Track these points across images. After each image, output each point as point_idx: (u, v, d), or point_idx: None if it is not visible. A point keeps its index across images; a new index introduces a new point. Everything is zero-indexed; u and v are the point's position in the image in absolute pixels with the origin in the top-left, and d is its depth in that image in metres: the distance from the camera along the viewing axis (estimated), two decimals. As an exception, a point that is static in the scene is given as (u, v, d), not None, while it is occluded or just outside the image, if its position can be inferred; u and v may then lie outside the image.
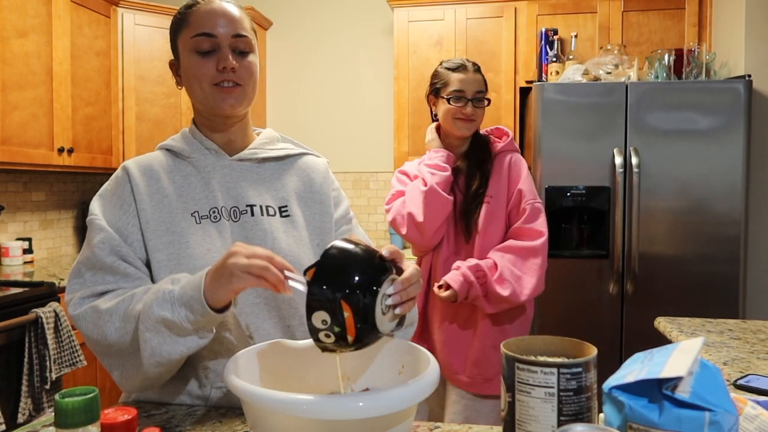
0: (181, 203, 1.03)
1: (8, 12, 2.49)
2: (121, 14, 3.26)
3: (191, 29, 1.03)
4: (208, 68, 1.02)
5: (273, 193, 1.10)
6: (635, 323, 2.59)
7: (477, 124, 1.85)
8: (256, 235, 1.04)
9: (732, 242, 2.55)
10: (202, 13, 1.03)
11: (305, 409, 0.62)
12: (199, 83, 1.03)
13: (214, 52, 1.03)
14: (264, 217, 1.06)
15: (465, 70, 1.82)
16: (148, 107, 3.37)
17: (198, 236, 1.01)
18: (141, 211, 1.01)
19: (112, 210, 1.02)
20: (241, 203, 1.06)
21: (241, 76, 1.04)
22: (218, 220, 1.03)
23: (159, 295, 0.87)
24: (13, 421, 2.10)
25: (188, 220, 1.02)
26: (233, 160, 1.09)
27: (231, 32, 1.03)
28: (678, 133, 2.57)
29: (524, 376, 0.65)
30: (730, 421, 0.56)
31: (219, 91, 1.03)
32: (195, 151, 1.08)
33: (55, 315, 2.22)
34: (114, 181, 1.06)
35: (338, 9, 3.72)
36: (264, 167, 1.12)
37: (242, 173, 1.09)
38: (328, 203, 1.16)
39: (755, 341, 1.47)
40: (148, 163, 1.07)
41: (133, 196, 1.02)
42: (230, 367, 0.74)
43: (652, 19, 3.08)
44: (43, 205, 3.15)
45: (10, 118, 2.51)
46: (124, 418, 0.63)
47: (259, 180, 1.10)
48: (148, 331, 0.87)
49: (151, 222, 1.01)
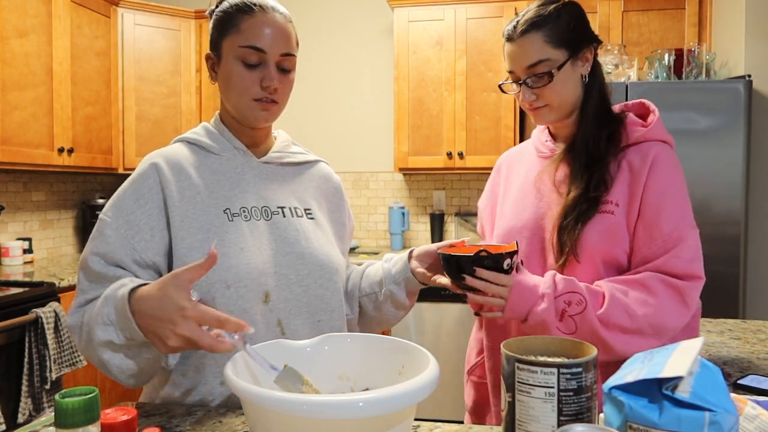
0: (212, 200, 1.02)
1: (8, 12, 2.49)
2: (121, 14, 3.26)
3: (241, 37, 1.00)
4: (252, 82, 1.01)
5: (297, 196, 1.11)
6: (635, 323, 2.59)
7: (553, 108, 1.17)
8: (290, 234, 1.05)
9: (732, 242, 2.55)
10: (256, 23, 1.00)
11: (305, 409, 0.62)
12: (239, 94, 1.02)
13: (260, 66, 1.01)
14: (294, 218, 1.07)
15: (511, 39, 1.16)
16: (148, 107, 3.37)
17: (232, 234, 1.00)
18: (172, 208, 0.99)
19: (127, 203, 1.00)
20: (272, 204, 1.07)
21: (279, 96, 1.04)
22: (249, 219, 1.03)
23: (100, 319, 0.88)
24: (13, 421, 2.10)
25: (221, 217, 1.01)
26: (260, 162, 1.09)
27: (281, 50, 1.01)
28: (678, 133, 2.57)
29: (524, 376, 0.65)
30: (730, 421, 0.56)
31: (257, 106, 1.02)
32: (224, 150, 1.07)
33: (55, 315, 2.22)
34: (139, 174, 1.02)
35: (338, 9, 3.72)
36: (285, 170, 1.13)
37: (269, 175, 1.10)
38: (343, 211, 1.20)
39: (755, 341, 1.47)
40: (174, 158, 1.04)
41: (162, 193, 1.00)
42: (230, 367, 0.74)
43: (652, 19, 3.08)
44: (43, 205, 3.15)
45: (10, 118, 2.51)
46: (124, 418, 0.63)
47: (284, 183, 1.11)
48: (104, 352, 0.89)
49: (185, 219, 0.99)
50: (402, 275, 1.14)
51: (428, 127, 3.26)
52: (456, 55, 3.23)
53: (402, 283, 1.15)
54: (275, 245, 1.04)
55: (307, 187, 1.15)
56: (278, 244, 1.04)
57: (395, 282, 1.15)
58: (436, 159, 3.23)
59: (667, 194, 1.11)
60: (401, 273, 1.15)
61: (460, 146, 3.23)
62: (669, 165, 1.13)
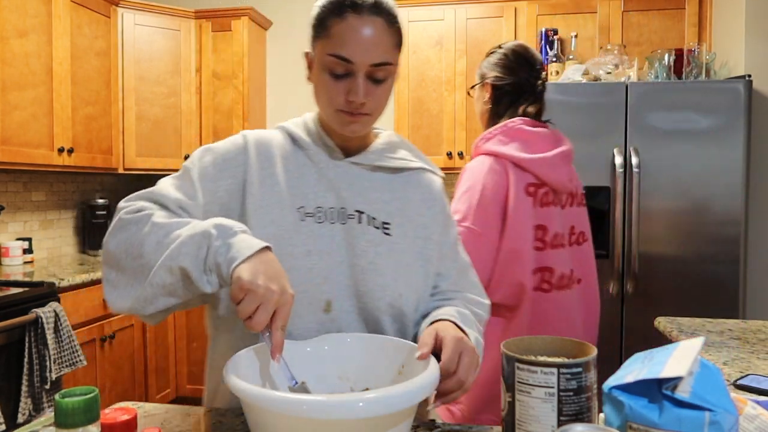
0: (290, 195, 0.97)
1: (8, 12, 2.49)
2: (121, 14, 3.26)
3: (329, 43, 0.91)
4: (337, 93, 0.92)
5: (380, 206, 1.00)
6: (635, 323, 2.59)
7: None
8: (359, 243, 0.97)
9: (732, 242, 2.55)
10: (346, 29, 0.89)
11: (305, 409, 0.62)
12: (325, 103, 0.96)
13: (348, 77, 0.91)
14: (370, 228, 0.98)
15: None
16: (148, 107, 3.37)
17: (301, 235, 0.95)
18: (249, 195, 0.95)
19: (210, 166, 0.96)
20: (350, 207, 0.98)
21: (370, 107, 0.94)
22: (322, 221, 0.96)
23: (199, 250, 0.80)
24: (13, 421, 2.10)
25: (294, 214, 0.96)
26: (347, 162, 1.00)
27: (371, 61, 0.90)
28: (678, 133, 2.57)
29: (524, 376, 0.65)
30: (730, 421, 0.56)
31: (344, 117, 0.94)
32: (314, 144, 1.01)
33: (55, 315, 2.22)
34: (231, 143, 0.99)
35: (338, 9, 3.72)
36: (376, 176, 1.02)
37: (354, 176, 1.00)
38: (433, 229, 1.05)
39: (755, 341, 1.47)
40: (267, 143, 1.00)
41: (244, 176, 0.96)
42: (230, 367, 0.74)
43: (652, 19, 3.08)
44: (43, 205, 3.15)
45: (10, 118, 2.51)
46: (124, 418, 0.63)
47: (370, 188, 1.01)
48: (164, 271, 0.81)
49: (259, 210, 0.94)
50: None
51: (428, 127, 3.26)
52: (456, 55, 3.23)
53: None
54: (344, 252, 0.96)
55: (396, 197, 1.02)
56: (347, 252, 0.96)
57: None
58: (436, 159, 3.23)
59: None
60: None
61: (460, 146, 3.23)
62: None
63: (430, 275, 1.04)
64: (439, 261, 1.05)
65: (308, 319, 0.94)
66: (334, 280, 0.95)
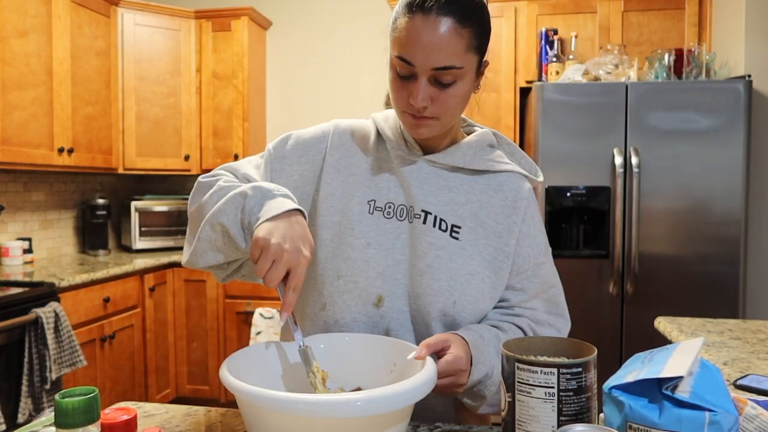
0: (363, 186, 0.98)
1: (8, 12, 2.49)
2: (121, 14, 3.26)
3: (396, 43, 0.89)
4: (402, 95, 0.90)
5: (452, 207, 0.97)
6: (635, 323, 2.59)
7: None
8: (420, 244, 0.94)
9: (732, 242, 2.55)
10: (411, 30, 0.86)
11: (302, 409, 0.62)
12: (394, 102, 0.94)
13: (412, 78, 0.89)
14: (434, 230, 0.95)
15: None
16: (148, 107, 3.37)
17: (365, 226, 0.96)
18: (323, 182, 0.99)
19: (289, 149, 1.02)
20: (417, 206, 0.96)
21: (434, 111, 0.89)
22: (391, 216, 0.96)
23: (236, 209, 0.86)
24: (13, 421, 2.10)
25: (363, 206, 0.97)
26: (424, 160, 0.98)
27: (433, 65, 0.85)
28: (678, 133, 2.57)
29: (524, 376, 0.65)
30: (730, 421, 0.56)
31: (409, 117, 0.92)
32: (393, 138, 1.00)
33: (55, 315, 2.22)
34: (317, 131, 1.05)
35: (338, 8, 3.72)
36: (453, 176, 0.99)
37: (428, 175, 0.98)
38: (508, 239, 0.97)
39: (755, 341, 1.47)
40: (353, 134, 1.04)
41: (322, 163, 1.01)
42: (228, 366, 0.74)
43: (652, 19, 3.08)
44: (43, 205, 3.15)
45: (10, 118, 2.51)
46: (124, 418, 0.63)
47: (445, 188, 0.97)
48: (209, 226, 0.88)
49: (330, 197, 0.98)
50: None
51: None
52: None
53: None
54: (407, 251, 0.95)
55: (473, 200, 0.98)
56: (408, 251, 0.95)
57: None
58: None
59: None
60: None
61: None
62: None
63: (498, 287, 0.97)
64: (514, 275, 0.98)
65: (357, 310, 0.95)
66: (389, 277, 0.94)
